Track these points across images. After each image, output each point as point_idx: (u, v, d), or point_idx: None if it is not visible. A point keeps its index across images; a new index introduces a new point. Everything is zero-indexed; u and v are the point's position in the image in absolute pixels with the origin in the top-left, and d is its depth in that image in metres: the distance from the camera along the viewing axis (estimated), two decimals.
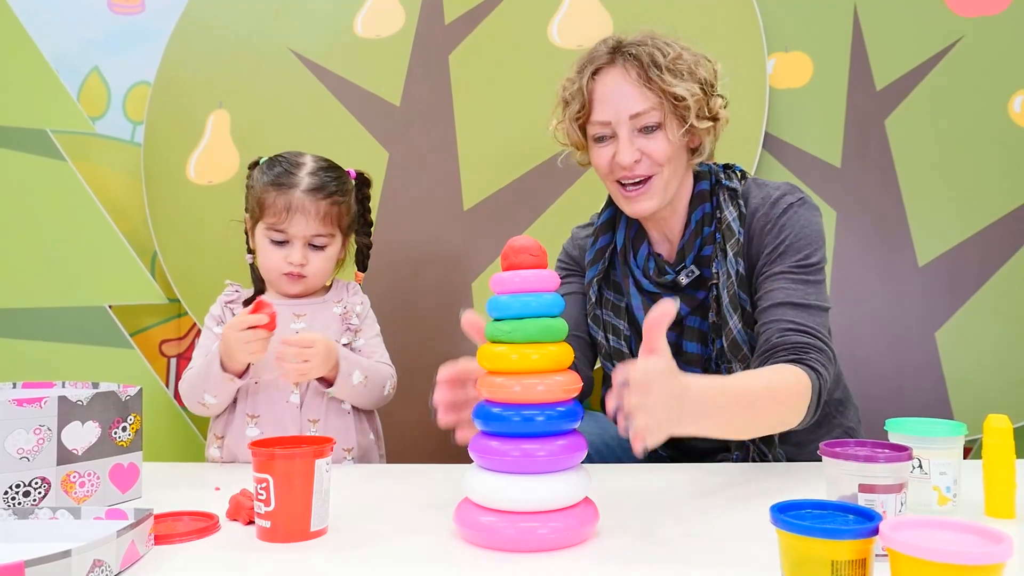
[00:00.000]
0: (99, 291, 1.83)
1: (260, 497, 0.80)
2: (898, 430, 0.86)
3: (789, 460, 1.21)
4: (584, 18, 1.78)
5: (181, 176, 1.90)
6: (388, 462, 1.37)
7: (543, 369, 0.80)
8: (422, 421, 1.55)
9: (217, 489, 1.01)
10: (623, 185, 1.17)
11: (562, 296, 0.85)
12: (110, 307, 1.83)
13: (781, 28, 1.74)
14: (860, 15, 1.72)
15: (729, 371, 1.18)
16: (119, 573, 0.70)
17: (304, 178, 1.26)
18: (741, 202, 1.18)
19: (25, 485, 0.87)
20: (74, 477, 0.91)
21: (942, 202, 1.66)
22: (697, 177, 1.22)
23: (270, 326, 1.14)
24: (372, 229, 1.41)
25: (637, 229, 1.27)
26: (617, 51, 1.15)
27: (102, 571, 0.67)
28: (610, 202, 1.29)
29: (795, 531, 0.56)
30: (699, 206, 1.20)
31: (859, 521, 0.58)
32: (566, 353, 0.82)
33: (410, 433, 1.53)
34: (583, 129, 1.20)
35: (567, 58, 1.26)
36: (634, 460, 1.28)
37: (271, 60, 1.90)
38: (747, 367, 1.15)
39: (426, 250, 1.82)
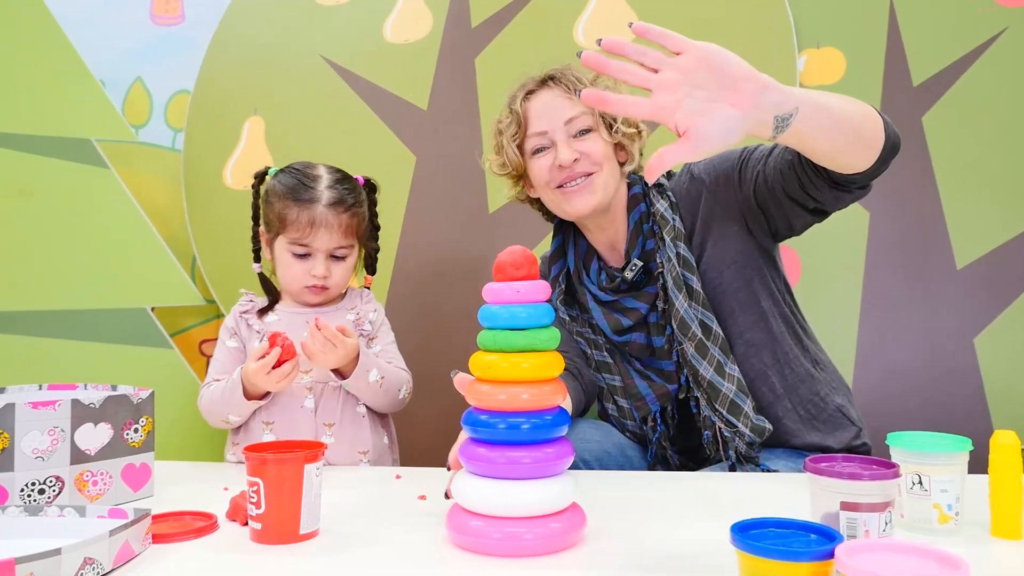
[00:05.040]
0: (141, 294, 1.89)
1: (252, 500, 0.82)
2: (899, 445, 0.83)
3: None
4: (610, 18, 1.77)
5: (218, 181, 1.96)
6: (403, 466, 1.39)
7: (531, 378, 0.81)
8: (438, 425, 1.58)
9: (225, 489, 1.04)
10: (563, 188, 1.23)
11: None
12: (151, 309, 1.89)
13: (812, 24, 1.70)
14: (896, 7, 1.66)
15: (681, 353, 1.22)
16: (111, 571, 0.73)
17: (324, 192, 1.28)
18: (670, 193, 1.26)
19: (40, 483, 0.92)
20: (87, 476, 0.96)
21: (982, 202, 1.60)
22: (630, 185, 1.30)
23: (290, 354, 1.17)
24: (379, 233, 1.44)
25: (586, 249, 1.34)
26: (545, 79, 1.26)
27: (93, 569, 0.70)
28: (557, 230, 1.38)
29: (751, 551, 0.55)
30: (635, 207, 1.28)
31: (821, 542, 0.56)
32: (555, 362, 0.83)
33: (426, 437, 1.55)
34: (521, 149, 1.27)
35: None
36: (637, 467, 1.28)
37: (303, 67, 1.93)
38: (699, 348, 1.19)
39: (451, 253, 1.83)
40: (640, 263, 1.26)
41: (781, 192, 1.13)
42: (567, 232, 1.36)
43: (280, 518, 0.82)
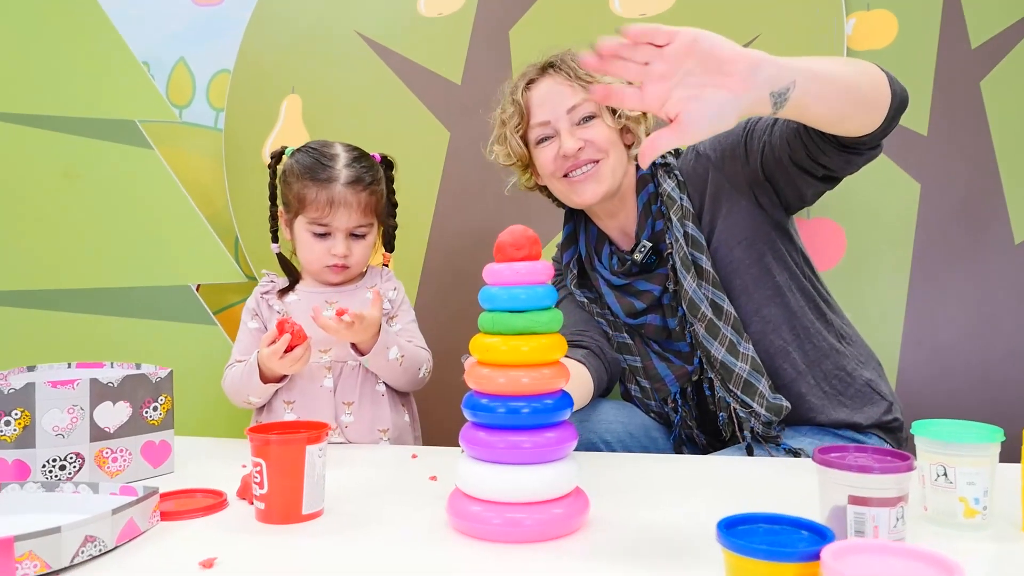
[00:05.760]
0: (185, 271, 1.93)
1: (256, 480, 0.83)
2: (924, 434, 0.78)
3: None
4: None
5: (258, 160, 1.98)
6: (424, 445, 1.39)
7: (531, 361, 0.79)
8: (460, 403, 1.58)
9: (243, 467, 1.06)
10: (570, 178, 1.21)
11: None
12: (196, 287, 1.93)
13: None
14: None
15: (693, 334, 1.19)
16: (114, 548, 0.75)
17: (342, 171, 1.28)
18: (677, 172, 1.23)
19: (61, 460, 0.95)
20: (106, 453, 0.98)
21: None
22: (638, 167, 1.26)
23: (300, 338, 1.18)
24: (396, 210, 1.43)
25: (597, 234, 1.32)
26: (545, 67, 1.24)
27: (95, 546, 0.72)
28: (567, 217, 1.36)
29: (735, 550, 0.52)
30: (643, 189, 1.25)
31: (813, 540, 0.53)
32: (557, 345, 0.81)
33: (450, 415, 1.54)
34: (524, 140, 1.25)
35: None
36: (662, 448, 1.26)
37: (339, 44, 1.93)
38: (710, 329, 1.16)
39: (484, 230, 1.81)
40: (649, 244, 1.23)
41: (789, 162, 1.09)
42: (578, 219, 1.35)
43: (283, 498, 0.82)
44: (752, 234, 1.18)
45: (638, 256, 1.23)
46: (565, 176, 1.22)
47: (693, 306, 1.17)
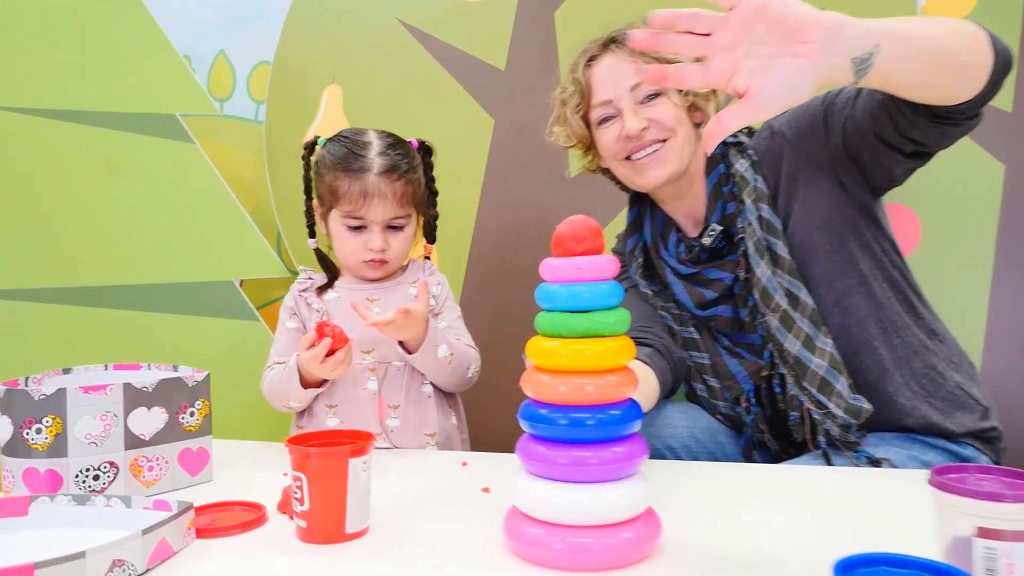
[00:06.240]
0: (227, 267, 1.90)
1: (296, 496, 0.77)
2: None
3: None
4: None
5: (298, 153, 1.92)
6: (471, 448, 1.32)
7: (596, 367, 0.71)
8: (511, 403, 1.50)
9: (284, 475, 1.00)
10: (633, 160, 1.15)
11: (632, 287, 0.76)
12: (239, 282, 1.90)
13: None
14: None
15: (765, 327, 1.09)
16: (145, 572, 0.69)
17: (375, 160, 1.21)
18: (751, 151, 1.14)
19: (95, 469, 0.90)
20: (142, 461, 0.93)
21: None
22: None
23: (341, 341, 1.11)
24: (437, 199, 1.35)
25: (663, 220, 1.23)
26: (607, 42, 1.17)
27: (123, 571, 0.66)
28: (632, 204, 1.29)
29: None
30: (713, 169, 1.17)
31: None
32: (624, 348, 0.72)
33: (498, 417, 1.48)
34: (586, 120, 1.18)
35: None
36: (729, 454, 1.17)
37: (380, 31, 1.87)
38: (784, 320, 1.06)
39: (531, 220, 1.75)
40: (719, 228, 1.15)
41: (874, 138, 0.99)
42: (643, 204, 1.27)
43: (325, 517, 0.76)
44: (833, 218, 1.09)
45: (707, 240, 1.15)
46: (628, 158, 1.15)
47: (766, 295, 1.08)
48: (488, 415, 1.49)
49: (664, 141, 1.13)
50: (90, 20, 1.88)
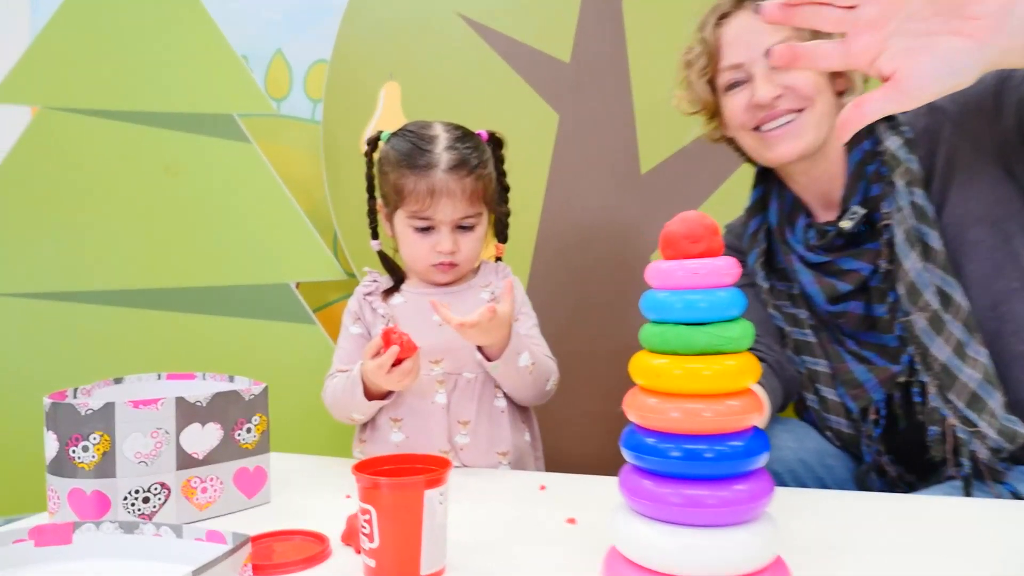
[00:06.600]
0: (284, 269, 1.86)
1: (364, 531, 0.68)
2: None
3: None
4: None
5: (356, 152, 1.88)
6: (545, 467, 1.22)
7: (716, 390, 0.60)
8: (586, 418, 1.39)
9: (347, 497, 0.92)
10: (762, 131, 1.04)
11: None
12: (295, 285, 1.86)
13: None
14: None
15: (907, 326, 0.96)
16: None
17: (442, 155, 1.11)
18: (905, 128, 1.01)
19: (144, 491, 0.83)
20: (195, 482, 0.86)
21: None
22: None
23: (409, 350, 1.02)
24: (508, 195, 1.25)
25: (792, 202, 1.11)
26: None
27: None
28: (757, 181, 1.17)
29: None
30: (857, 145, 1.04)
31: None
32: (749, 368, 0.61)
33: (572, 434, 1.38)
34: (712, 84, 1.08)
35: None
36: (839, 480, 1.03)
37: (439, 26, 1.81)
38: (933, 322, 0.93)
39: (599, 220, 1.66)
40: (862, 211, 1.02)
41: None
42: (771, 181, 1.14)
43: (397, 556, 0.67)
44: (997, 211, 0.95)
45: (846, 224, 1.02)
46: (757, 128, 1.04)
47: (914, 292, 0.95)
48: (560, 432, 1.40)
49: (800, 111, 1.02)
50: (148, 20, 1.87)
